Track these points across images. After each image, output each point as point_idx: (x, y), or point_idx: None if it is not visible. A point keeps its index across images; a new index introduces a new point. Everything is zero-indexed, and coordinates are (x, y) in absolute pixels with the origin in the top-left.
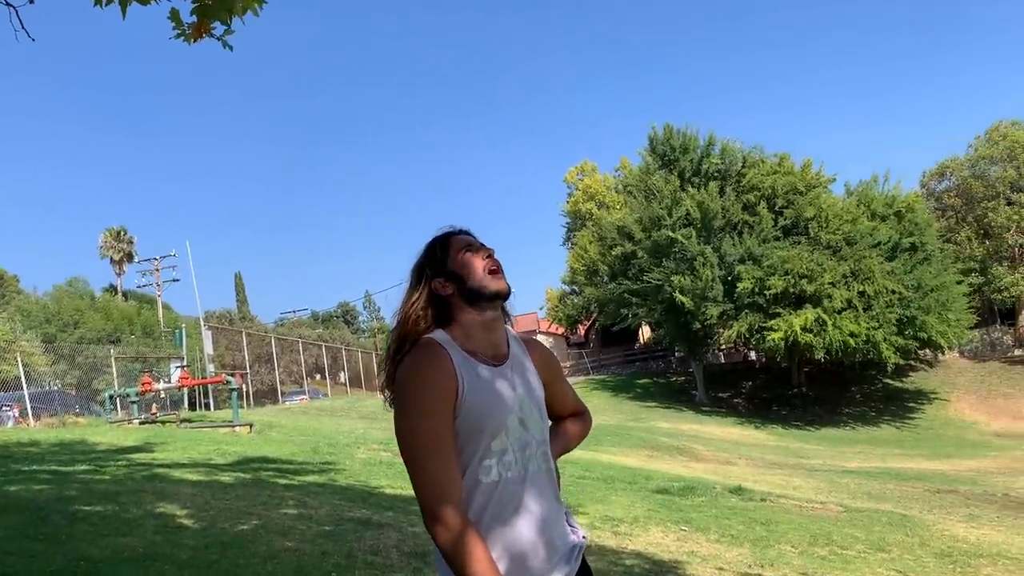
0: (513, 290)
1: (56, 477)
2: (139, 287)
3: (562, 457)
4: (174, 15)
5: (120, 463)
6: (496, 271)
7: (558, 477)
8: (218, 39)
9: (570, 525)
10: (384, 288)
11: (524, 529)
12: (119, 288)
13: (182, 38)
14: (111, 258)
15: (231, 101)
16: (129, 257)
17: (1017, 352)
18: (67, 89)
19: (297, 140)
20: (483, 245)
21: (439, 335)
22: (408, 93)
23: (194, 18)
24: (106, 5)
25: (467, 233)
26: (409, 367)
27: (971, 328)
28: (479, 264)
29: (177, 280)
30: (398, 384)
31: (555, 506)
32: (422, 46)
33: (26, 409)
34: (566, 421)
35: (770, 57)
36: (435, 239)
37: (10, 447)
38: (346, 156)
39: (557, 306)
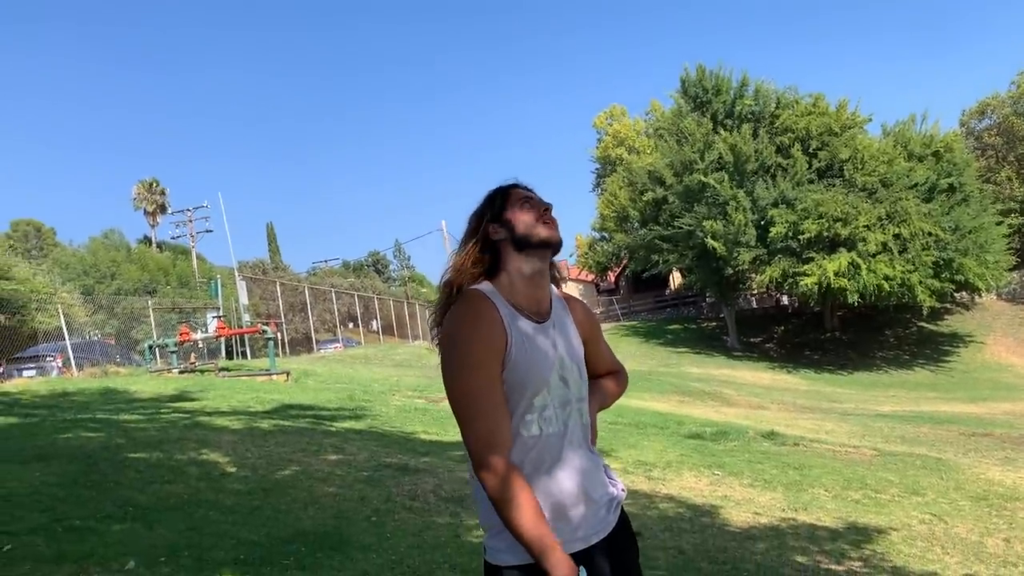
0: (563, 243)
1: (102, 426)
2: (173, 238)
3: None
4: None
5: (163, 411)
6: (549, 223)
7: (595, 431)
8: None
9: (609, 478)
10: (413, 238)
11: (564, 482)
12: (153, 239)
13: None
14: (144, 210)
15: (262, 42)
16: (162, 209)
17: None
18: (87, 27)
19: (325, 85)
20: (542, 200)
21: (486, 287)
22: (435, 39)
23: None
24: None
25: (529, 189)
26: (458, 317)
27: (1010, 270)
28: (533, 215)
29: (210, 231)
30: (446, 335)
31: (593, 460)
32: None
33: (69, 359)
34: (603, 379)
35: None
36: (497, 188)
37: (57, 396)
38: (374, 102)
39: (587, 253)
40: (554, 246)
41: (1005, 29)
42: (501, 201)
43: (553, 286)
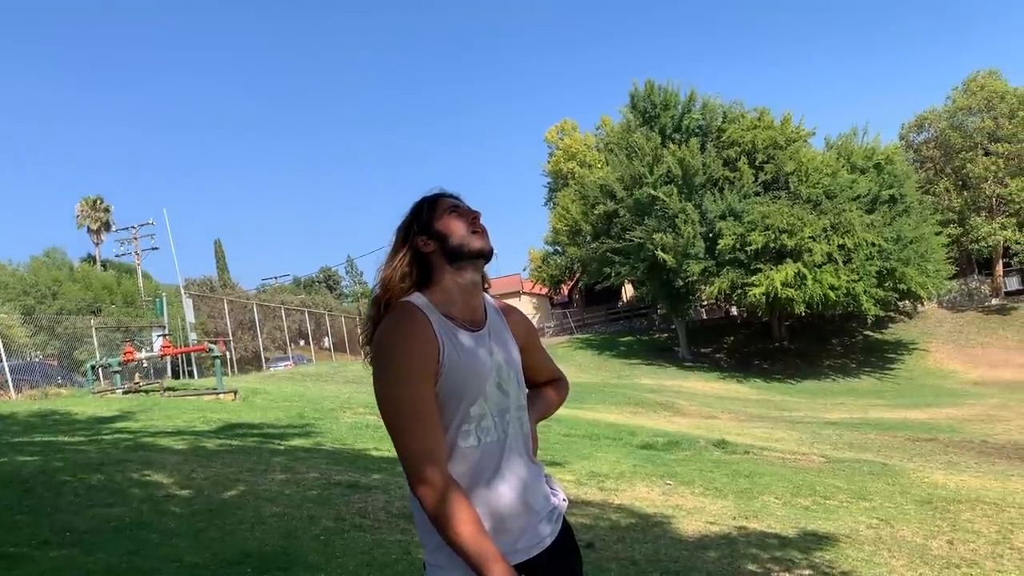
0: (496, 253)
1: (40, 449)
2: (117, 256)
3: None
4: None
5: (104, 433)
6: (479, 232)
7: (535, 441)
8: None
9: (551, 488)
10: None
11: (504, 492)
12: (98, 258)
13: None
14: (88, 227)
15: (206, 58)
16: (106, 226)
17: (994, 302)
18: (27, 42)
19: (275, 100)
20: (470, 209)
21: (417, 298)
22: (386, 55)
23: None
24: None
25: (456, 197)
26: (389, 330)
27: (949, 279)
28: (463, 225)
29: (156, 249)
30: (377, 347)
31: (534, 469)
32: (399, 6)
33: (7, 381)
34: (544, 388)
35: (747, 11)
36: (423, 198)
37: None
38: (324, 118)
39: (540, 266)
40: (487, 256)
41: (941, 44)
42: (428, 211)
43: (488, 295)
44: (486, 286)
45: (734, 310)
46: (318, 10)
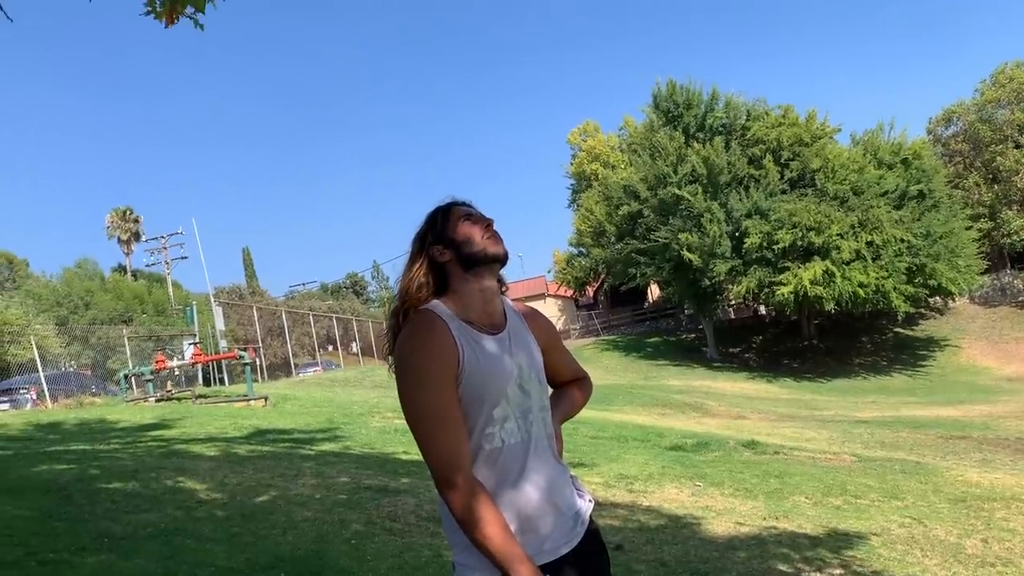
0: (510, 256)
1: (77, 457)
2: (148, 266)
3: (573, 418)
4: None
5: (138, 441)
6: (493, 237)
7: (560, 441)
8: (189, 17)
9: (576, 489)
10: (391, 258)
11: (529, 493)
12: (128, 268)
13: (153, 15)
14: (118, 238)
15: (230, 68)
16: (136, 236)
17: None
18: (55, 56)
19: (297, 107)
20: (483, 216)
21: (436, 305)
22: (408, 57)
23: None
24: None
25: (468, 204)
26: (408, 338)
27: (981, 274)
28: (478, 231)
29: (185, 258)
30: (398, 355)
31: (559, 471)
32: (424, 6)
33: (43, 391)
34: (567, 388)
35: (770, 6)
36: (436, 208)
37: (31, 429)
38: (348, 123)
39: (565, 268)
40: (502, 260)
41: (968, 37)
42: (443, 221)
43: (506, 298)
44: (503, 289)
45: (762, 309)
46: (336, 16)
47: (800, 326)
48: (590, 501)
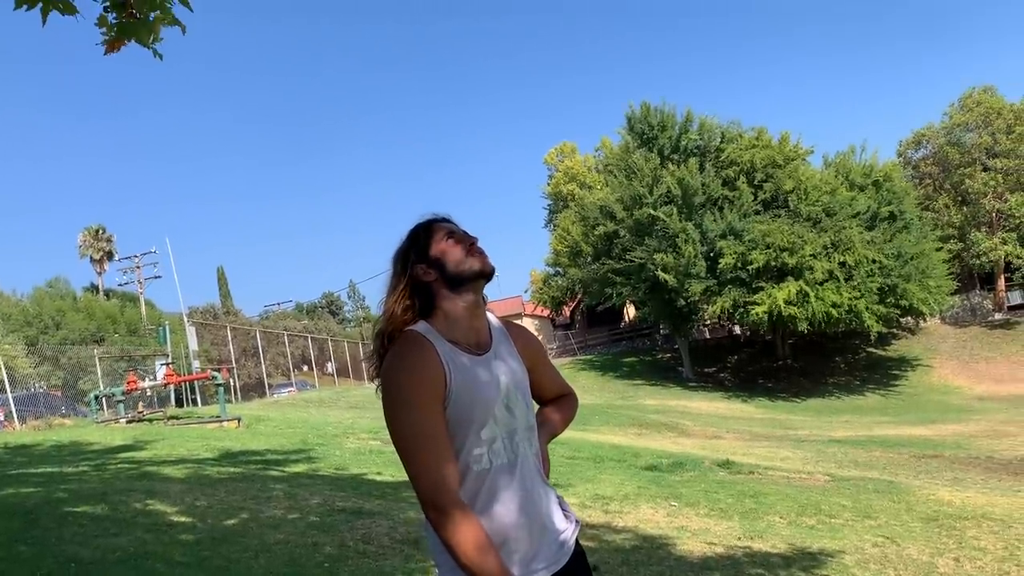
0: (497, 274)
1: (44, 479)
2: (120, 285)
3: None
4: (102, 21)
5: (108, 463)
6: (477, 254)
7: (546, 461)
8: (147, 46)
9: (563, 509)
10: (368, 277)
11: (517, 514)
12: (100, 287)
13: (103, 44)
14: (91, 257)
15: (205, 87)
16: (109, 256)
17: (997, 316)
18: (25, 74)
19: (273, 125)
20: (466, 233)
21: (422, 327)
22: (385, 76)
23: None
24: (27, 10)
25: (449, 220)
26: (395, 361)
27: (951, 294)
28: (461, 249)
29: (159, 277)
30: (385, 378)
31: (546, 490)
32: (401, 27)
33: (11, 412)
34: (552, 404)
35: (742, 32)
36: (418, 225)
37: None
38: (325, 142)
39: (541, 288)
40: (488, 276)
41: (936, 63)
42: (425, 238)
43: (492, 315)
44: (485, 303)
45: (737, 329)
46: (312, 33)
47: (774, 346)
48: (576, 522)
